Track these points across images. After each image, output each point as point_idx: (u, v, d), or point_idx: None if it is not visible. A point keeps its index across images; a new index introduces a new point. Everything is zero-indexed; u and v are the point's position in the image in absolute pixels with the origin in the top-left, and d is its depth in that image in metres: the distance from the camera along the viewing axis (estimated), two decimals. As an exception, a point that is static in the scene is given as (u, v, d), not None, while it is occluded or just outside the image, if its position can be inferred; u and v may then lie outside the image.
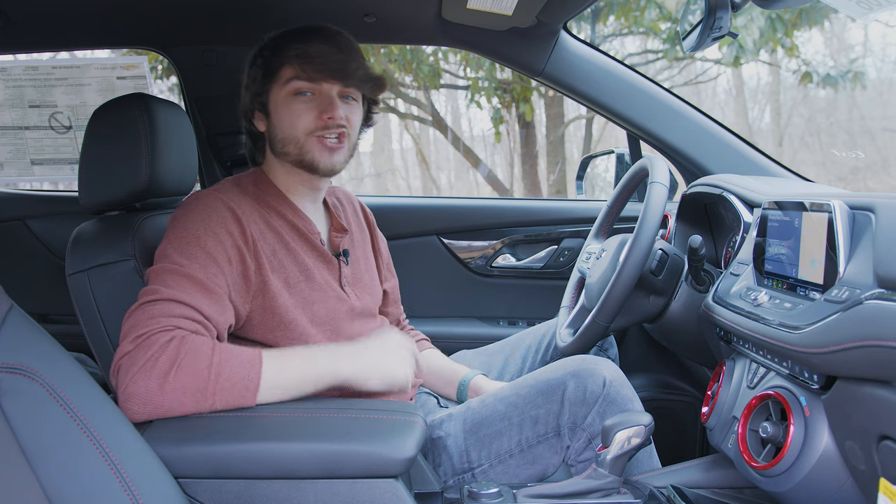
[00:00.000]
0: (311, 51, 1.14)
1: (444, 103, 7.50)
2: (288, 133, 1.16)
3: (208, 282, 1.01)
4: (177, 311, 0.96)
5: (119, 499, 0.75)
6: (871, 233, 0.84)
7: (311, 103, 1.15)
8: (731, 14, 1.19)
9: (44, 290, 2.05)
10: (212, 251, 1.04)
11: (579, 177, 2.08)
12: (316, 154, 1.16)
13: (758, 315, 0.99)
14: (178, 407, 0.91)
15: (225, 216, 1.08)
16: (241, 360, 0.96)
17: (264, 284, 1.11)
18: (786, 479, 0.89)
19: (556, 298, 1.61)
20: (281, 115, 1.16)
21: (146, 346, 0.91)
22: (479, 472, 1.16)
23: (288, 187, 1.22)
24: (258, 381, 0.95)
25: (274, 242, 1.15)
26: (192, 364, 0.92)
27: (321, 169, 1.17)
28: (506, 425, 1.15)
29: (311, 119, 1.15)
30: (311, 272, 1.18)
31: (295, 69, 1.14)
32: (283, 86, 1.15)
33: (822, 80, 5.13)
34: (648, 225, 1.20)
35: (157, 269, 1.02)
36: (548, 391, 1.15)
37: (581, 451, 1.13)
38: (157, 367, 0.90)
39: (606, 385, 1.13)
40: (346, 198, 1.41)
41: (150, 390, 0.90)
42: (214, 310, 1.01)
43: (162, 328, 0.93)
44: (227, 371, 0.93)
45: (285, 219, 1.19)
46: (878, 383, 0.74)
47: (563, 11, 1.56)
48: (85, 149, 1.18)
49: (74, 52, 2.29)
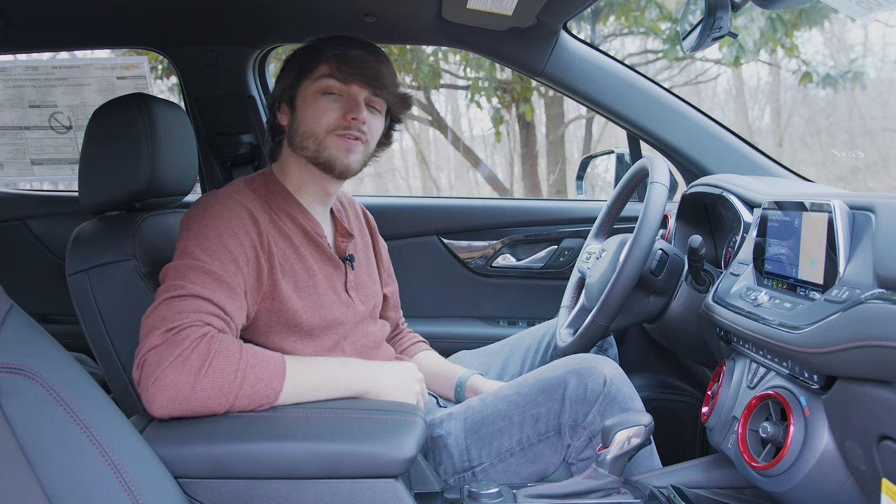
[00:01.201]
0: (350, 53, 1.17)
1: (444, 103, 7.51)
2: (310, 128, 1.17)
3: (229, 280, 1.02)
4: (204, 308, 0.97)
5: (119, 499, 0.75)
6: (871, 233, 0.84)
7: (338, 103, 1.17)
8: (731, 14, 1.19)
9: (44, 290, 2.05)
10: (232, 250, 1.05)
11: (579, 177, 2.08)
12: (333, 151, 1.17)
13: (758, 315, 0.99)
14: (203, 405, 0.92)
15: (243, 217, 1.10)
16: (267, 368, 0.96)
17: (274, 287, 1.11)
18: (786, 479, 0.89)
19: (556, 298, 1.61)
20: (306, 110, 1.18)
21: (177, 340, 0.91)
22: (480, 471, 1.16)
23: (300, 186, 1.22)
24: (280, 389, 0.97)
25: (284, 246, 1.15)
26: (223, 365, 0.92)
27: (337, 167, 1.18)
28: (507, 424, 1.16)
29: (334, 117, 1.16)
30: (318, 276, 1.19)
31: (330, 67, 1.17)
32: (314, 81, 1.17)
33: (821, 80, 5.13)
34: (648, 225, 1.20)
35: (177, 264, 1.02)
36: (549, 390, 1.15)
37: (581, 449, 1.14)
38: (189, 364, 0.90)
39: (607, 383, 1.13)
40: (348, 202, 1.42)
41: (181, 386, 0.90)
42: (234, 308, 1.02)
43: (192, 323, 0.94)
44: (253, 377, 0.94)
45: (295, 221, 1.19)
46: (878, 383, 0.74)
47: (563, 11, 1.56)
48: (85, 149, 1.18)
49: (74, 52, 2.29)
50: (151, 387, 0.90)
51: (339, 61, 1.16)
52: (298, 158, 1.21)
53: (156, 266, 1.15)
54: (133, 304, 1.12)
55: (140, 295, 1.12)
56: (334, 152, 1.17)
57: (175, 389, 0.90)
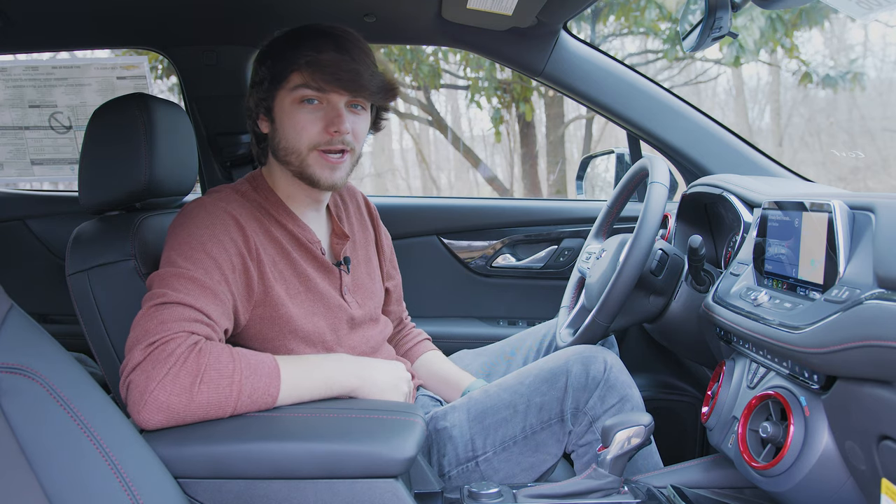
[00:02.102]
0: (322, 59, 1.09)
1: (444, 103, 7.51)
2: (292, 143, 1.13)
3: (213, 286, 1.01)
4: (187, 315, 0.95)
5: (119, 499, 0.75)
6: (871, 233, 0.84)
7: (318, 113, 1.12)
8: (731, 14, 1.19)
9: (44, 290, 2.05)
10: (216, 257, 1.03)
11: (579, 177, 2.08)
12: (317, 170, 1.13)
13: (758, 315, 0.99)
14: (201, 416, 0.91)
15: (228, 224, 1.07)
16: (261, 374, 0.96)
17: (266, 293, 1.10)
18: (786, 479, 0.89)
19: (556, 298, 1.61)
20: (285, 124, 1.13)
21: (161, 358, 0.89)
22: (483, 460, 1.17)
23: (289, 194, 1.20)
24: (277, 395, 0.96)
25: (274, 253, 1.14)
26: (216, 379, 0.91)
27: (322, 185, 1.15)
28: (511, 413, 1.16)
29: (316, 132, 1.11)
30: (311, 282, 1.18)
31: (304, 76, 1.10)
32: (289, 91, 1.12)
33: (821, 81, 5.13)
34: (648, 225, 1.20)
35: (162, 273, 1.01)
36: (552, 378, 1.16)
37: (582, 434, 1.15)
38: (180, 382, 0.89)
39: (607, 369, 1.15)
40: (349, 195, 1.39)
41: (175, 406, 0.89)
42: (219, 313, 1.00)
43: (174, 335, 0.92)
44: (249, 387, 0.94)
45: (285, 228, 1.17)
46: (878, 383, 0.74)
47: (563, 11, 1.56)
48: (85, 149, 1.18)
49: (74, 52, 2.29)
50: (143, 411, 0.88)
51: (311, 68, 1.09)
52: (284, 170, 1.18)
53: (156, 266, 1.15)
54: (133, 304, 1.12)
55: (140, 295, 1.11)
56: (317, 171, 1.13)
57: (169, 411, 0.89)
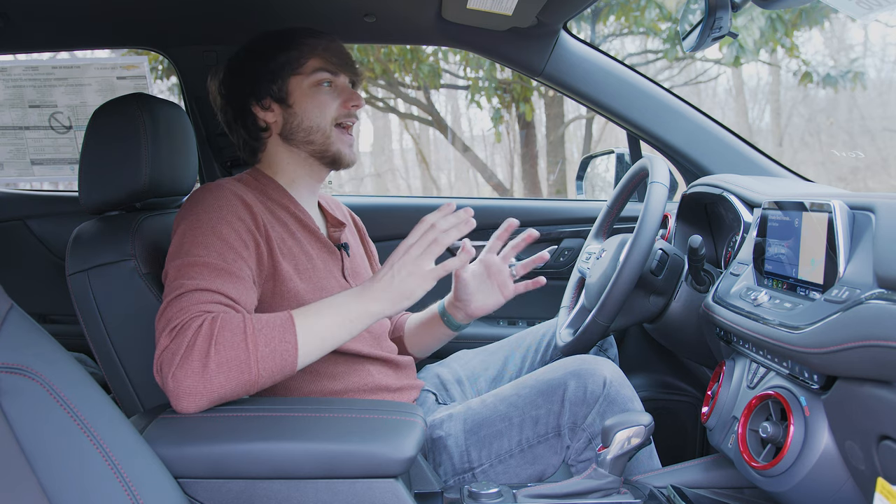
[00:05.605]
0: (333, 46, 1.25)
1: (444, 103, 7.52)
2: (316, 122, 1.22)
3: (229, 267, 1.02)
4: (205, 298, 0.97)
5: (119, 499, 0.75)
6: (871, 233, 0.84)
7: (334, 93, 1.25)
8: (731, 14, 1.19)
9: (44, 290, 2.05)
10: (228, 238, 1.05)
11: (579, 177, 2.08)
12: (339, 146, 1.24)
13: (758, 315, 0.99)
14: (226, 383, 0.91)
15: (235, 204, 1.10)
16: (274, 325, 0.96)
17: (275, 269, 1.12)
18: (786, 479, 0.89)
19: (556, 298, 1.61)
20: (307, 105, 1.22)
21: (181, 335, 0.92)
22: (480, 472, 1.16)
23: (292, 180, 1.26)
24: (295, 341, 0.96)
25: (281, 230, 1.17)
26: (230, 338, 0.92)
27: (345, 160, 1.26)
28: (506, 425, 1.16)
29: (335, 107, 1.24)
30: (316, 261, 1.21)
31: (322, 61, 1.23)
32: (308, 76, 1.22)
33: (821, 81, 5.13)
34: (648, 225, 1.20)
35: (176, 264, 1.02)
36: (548, 391, 1.15)
37: (581, 451, 1.14)
38: (197, 349, 0.91)
39: (607, 385, 1.13)
40: (335, 204, 1.44)
41: (195, 369, 0.90)
42: (240, 292, 1.02)
43: (192, 316, 0.94)
44: (264, 338, 0.94)
45: (288, 210, 1.22)
46: (878, 383, 0.74)
47: (563, 11, 1.56)
48: (85, 149, 1.18)
49: (74, 52, 2.29)
50: (171, 383, 0.91)
51: (328, 54, 1.24)
52: (296, 153, 1.25)
53: (156, 266, 1.15)
54: (133, 303, 1.12)
55: (140, 295, 1.12)
56: (340, 147, 1.24)
57: (191, 377, 0.90)
